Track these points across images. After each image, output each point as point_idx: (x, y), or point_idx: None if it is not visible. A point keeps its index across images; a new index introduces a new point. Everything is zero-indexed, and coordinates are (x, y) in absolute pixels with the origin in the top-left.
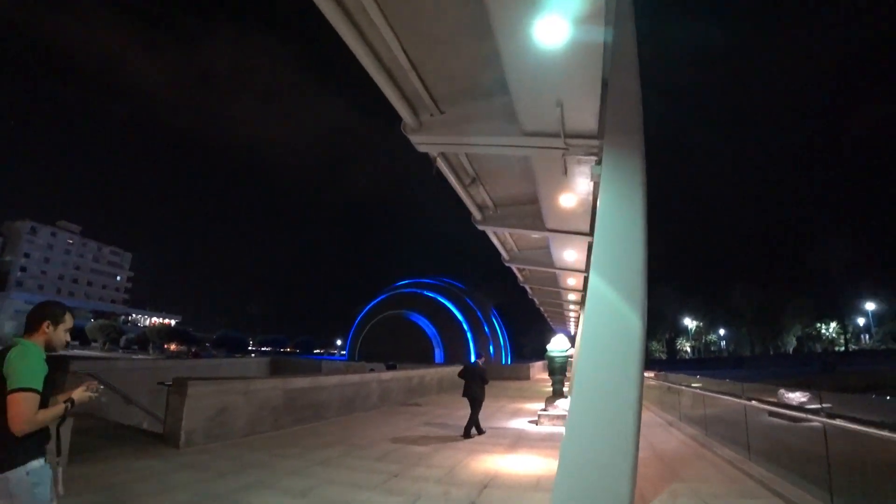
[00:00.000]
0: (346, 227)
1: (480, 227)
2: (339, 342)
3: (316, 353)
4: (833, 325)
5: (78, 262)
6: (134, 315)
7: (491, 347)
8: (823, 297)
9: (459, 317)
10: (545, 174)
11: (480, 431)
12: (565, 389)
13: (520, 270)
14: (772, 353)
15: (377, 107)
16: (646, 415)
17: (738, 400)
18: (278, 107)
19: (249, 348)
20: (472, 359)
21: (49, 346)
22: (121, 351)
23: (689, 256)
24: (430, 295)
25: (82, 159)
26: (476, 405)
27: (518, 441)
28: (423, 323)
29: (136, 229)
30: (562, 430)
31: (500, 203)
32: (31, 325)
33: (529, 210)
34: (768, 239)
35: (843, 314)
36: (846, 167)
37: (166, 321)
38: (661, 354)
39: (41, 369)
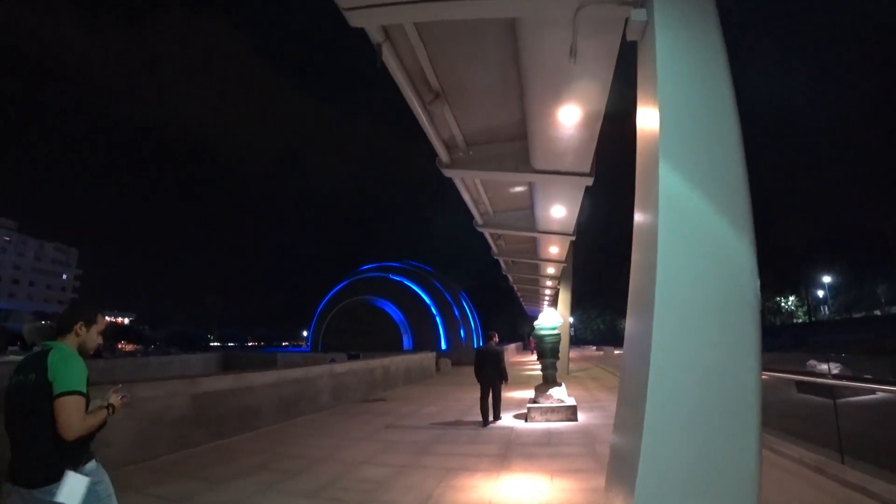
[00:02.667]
0: (311, 218)
1: (448, 173)
2: (305, 334)
3: (284, 347)
4: (792, 298)
5: (17, 261)
6: None
7: (461, 331)
8: (783, 271)
9: (428, 301)
10: (541, 65)
11: (489, 420)
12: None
13: (494, 238)
14: None
15: (337, 94)
16: None
17: (816, 379)
18: (234, 95)
19: (212, 344)
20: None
21: (82, 349)
22: None
23: None
24: (397, 279)
25: (17, 150)
26: (492, 391)
27: (508, 448)
28: (390, 308)
29: (83, 225)
30: (559, 426)
31: (475, 140)
32: (64, 326)
33: (512, 149)
34: None
35: (802, 287)
36: (808, 149)
37: (118, 320)
38: None
39: (84, 372)
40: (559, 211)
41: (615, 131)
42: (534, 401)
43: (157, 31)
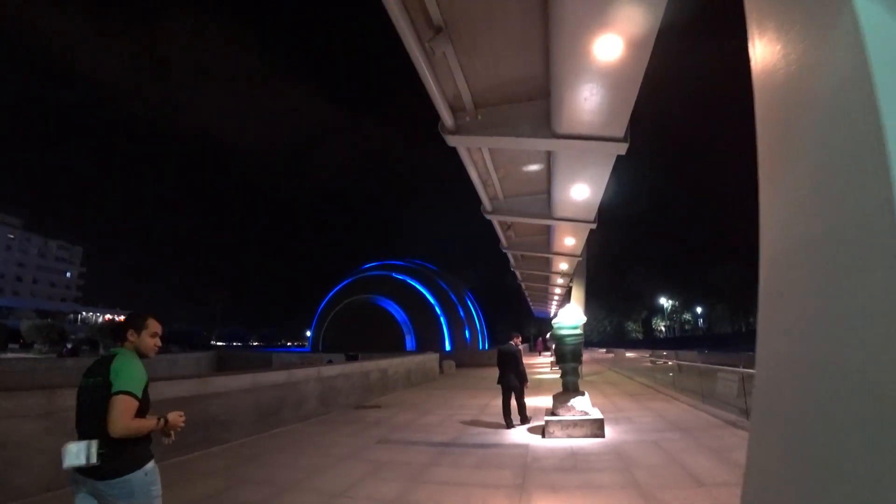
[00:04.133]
0: (317, 216)
1: (452, 141)
2: (309, 333)
3: (285, 347)
4: None
5: (21, 258)
6: (85, 313)
7: (466, 332)
8: None
9: (432, 300)
10: None
11: (519, 423)
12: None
13: (504, 228)
14: (744, 330)
15: (345, 92)
16: (676, 407)
17: None
18: (241, 94)
19: (216, 343)
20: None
21: (140, 353)
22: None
23: (666, 235)
24: (400, 277)
25: (22, 146)
26: (514, 394)
27: (526, 475)
28: (393, 308)
29: (88, 223)
30: (584, 444)
31: (485, 100)
32: (119, 335)
33: (529, 111)
34: (746, 217)
35: None
36: None
37: (121, 318)
38: (637, 334)
39: (141, 377)
40: (581, 191)
41: None
42: (552, 412)
43: (166, 30)
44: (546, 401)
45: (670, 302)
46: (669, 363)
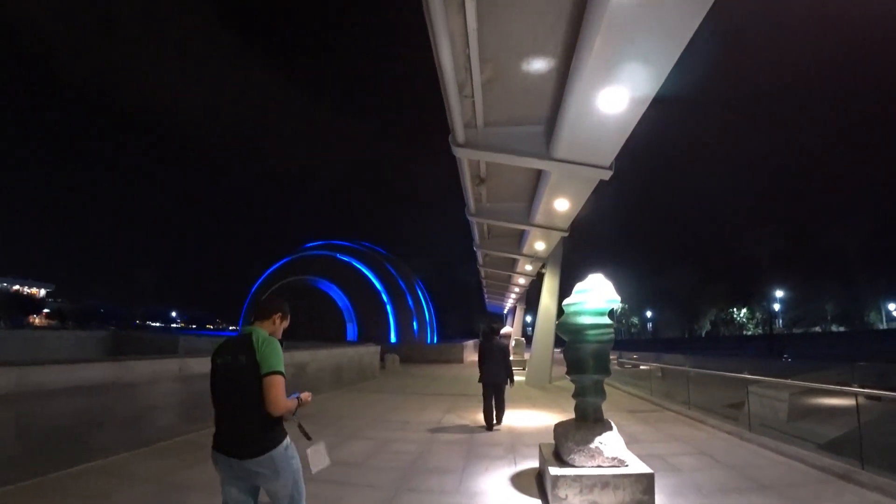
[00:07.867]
0: (264, 195)
1: None
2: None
3: (220, 331)
4: (744, 310)
5: None
6: None
7: (415, 323)
8: (738, 282)
9: (379, 286)
10: None
11: (495, 424)
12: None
13: (475, 181)
14: (687, 336)
15: (298, 74)
16: (713, 437)
17: None
18: (191, 64)
19: (141, 323)
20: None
21: (271, 335)
22: None
23: (621, 237)
24: (345, 259)
25: None
26: (499, 392)
27: None
28: (335, 292)
29: (7, 183)
30: None
31: None
32: (264, 314)
33: None
34: (699, 228)
35: (755, 300)
36: (772, 169)
37: (33, 291)
38: None
39: (282, 356)
40: (615, 98)
41: None
42: (559, 457)
43: None
44: (520, 417)
45: (620, 304)
46: (642, 367)
